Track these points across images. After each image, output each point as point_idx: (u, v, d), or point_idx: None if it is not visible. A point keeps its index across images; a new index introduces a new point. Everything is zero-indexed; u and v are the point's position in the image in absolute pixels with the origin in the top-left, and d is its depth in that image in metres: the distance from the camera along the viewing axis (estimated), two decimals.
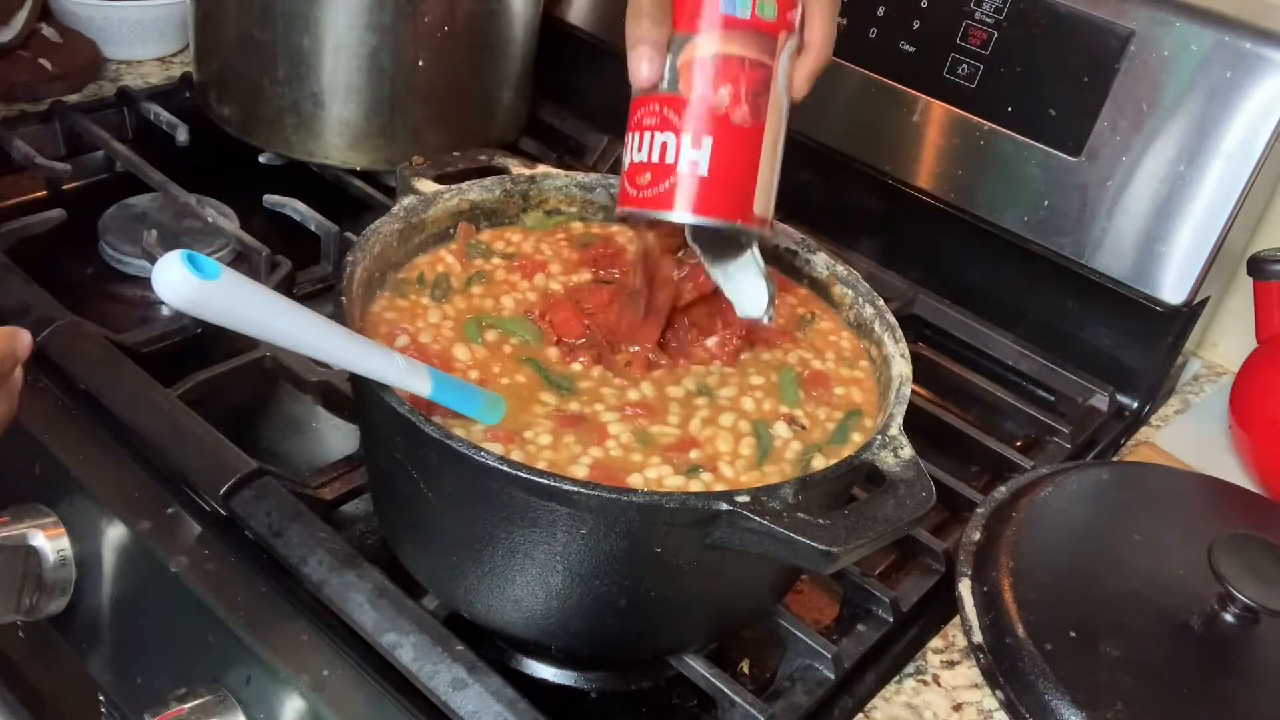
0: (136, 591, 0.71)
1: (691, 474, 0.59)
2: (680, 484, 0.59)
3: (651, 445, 0.61)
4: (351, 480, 0.74)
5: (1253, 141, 0.86)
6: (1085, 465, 0.86)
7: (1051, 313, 1.00)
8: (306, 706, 0.62)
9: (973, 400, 0.96)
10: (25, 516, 0.72)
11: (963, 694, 0.69)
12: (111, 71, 1.19)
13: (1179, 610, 0.69)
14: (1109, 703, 0.63)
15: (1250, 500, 0.84)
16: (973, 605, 0.71)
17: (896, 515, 0.55)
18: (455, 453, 0.54)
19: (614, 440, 0.61)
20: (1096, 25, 0.89)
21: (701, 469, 0.60)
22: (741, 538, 0.53)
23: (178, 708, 0.63)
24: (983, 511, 0.77)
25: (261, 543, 0.68)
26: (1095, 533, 0.77)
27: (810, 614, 0.74)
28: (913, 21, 0.98)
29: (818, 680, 0.67)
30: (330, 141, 1.05)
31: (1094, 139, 0.91)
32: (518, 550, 0.58)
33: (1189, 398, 1.02)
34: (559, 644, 0.65)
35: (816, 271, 0.76)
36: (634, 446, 0.61)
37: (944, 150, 0.99)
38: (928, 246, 1.05)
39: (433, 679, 0.61)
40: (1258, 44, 0.84)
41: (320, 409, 0.83)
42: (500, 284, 0.71)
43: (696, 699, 0.69)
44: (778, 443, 0.63)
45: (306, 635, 0.64)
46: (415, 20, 1.01)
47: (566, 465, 0.59)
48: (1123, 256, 0.93)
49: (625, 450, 0.60)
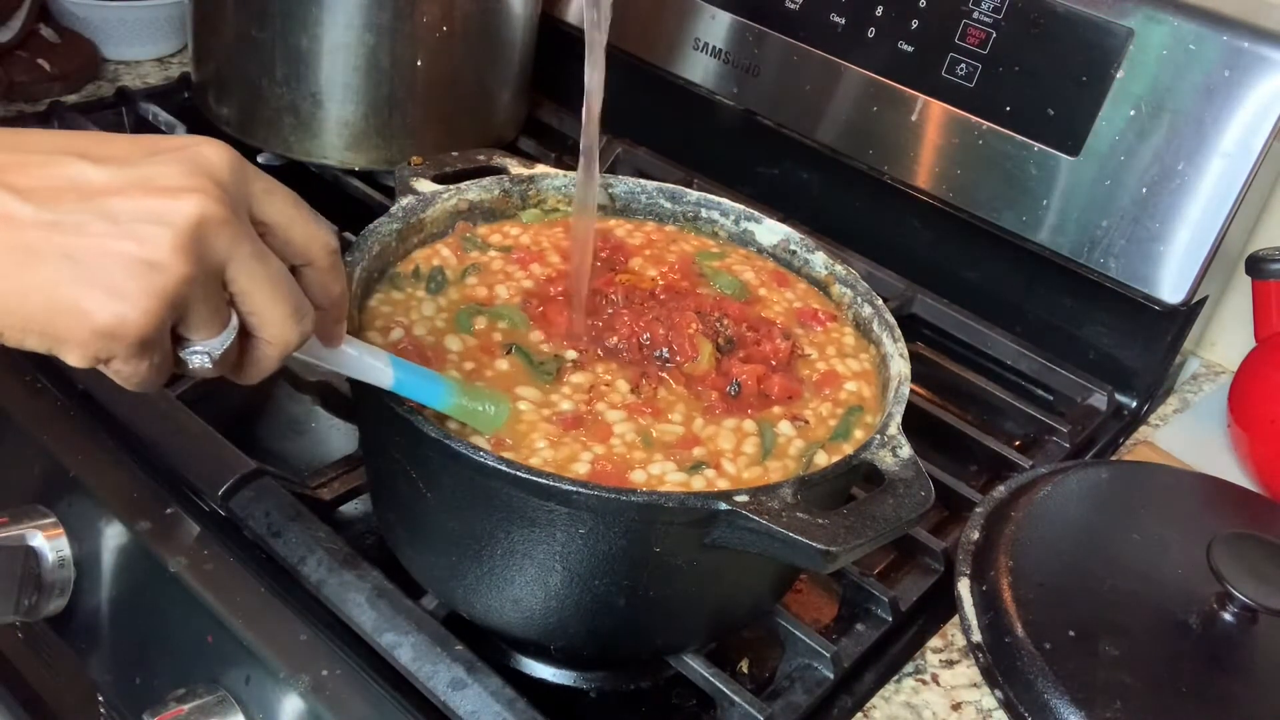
0: (135, 592, 0.71)
1: (694, 470, 0.59)
2: (683, 479, 0.59)
3: (654, 445, 0.61)
4: (350, 480, 0.74)
5: (1251, 140, 0.86)
6: (1084, 464, 0.86)
7: (1050, 312, 1.00)
8: (305, 706, 0.62)
9: (971, 400, 0.96)
10: (24, 517, 0.72)
11: (962, 693, 0.69)
12: (110, 72, 1.19)
13: (1178, 609, 0.69)
14: (1108, 702, 0.63)
15: (1249, 499, 0.84)
16: (972, 604, 0.71)
17: (895, 514, 0.55)
18: (454, 452, 0.54)
19: (618, 439, 0.61)
20: (1095, 24, 0.89)
21: (705, 465, 0.60)
22: (740, 537, 0.53)
23: (177, 708, 0.63)
24: (981, 511, 0.77)
25: (261, 543, 0.68)
26: (1094, 532, 0.77)
27: (809, 613, 0.74)
28: (911, 21, 0.98)
29: (817, 680, 0.67)
30: (328, 142, 1.05)
31: (1093, 138, 0.91)
32: (517, 550, 0.58)
33: (1188, 397, 1.02)
34: (558, 644, 0.65)
35: (815, 270, 0.76)
36: (637, 444, 0.61)
37: (943, 150, 0.99)
38: (926, 246, 1.05)
39: (432, 679, 0.61)
40: (1256, 43, 0.84)
41: (319, 409, 0.83)
42: (496, 274, 0.72)
43: (696, 699, 0.69)
44: (781, 439, 0.63)
45: (305, 635, 0.64)
46: (414, 20, 1.01)
47: (567, 464, 0.59)
48: (1121, 256, 0.93)
49: (629, 447, 0.60)
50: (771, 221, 0.78)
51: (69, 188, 0.42)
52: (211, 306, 0.45)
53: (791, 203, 1.09)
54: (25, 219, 0.41)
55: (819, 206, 1.10)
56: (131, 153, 0.44)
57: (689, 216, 0.80)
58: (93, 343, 0.42)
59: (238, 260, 0.45)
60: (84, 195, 0.42)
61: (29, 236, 0.41)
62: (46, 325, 0.42)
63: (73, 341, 0.42)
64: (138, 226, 0.42)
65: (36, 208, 0.41)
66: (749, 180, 1.13)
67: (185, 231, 0.42)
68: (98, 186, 0.42)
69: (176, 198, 0.43)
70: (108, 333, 0.42)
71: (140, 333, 0.42)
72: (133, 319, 0.42)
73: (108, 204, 0.42)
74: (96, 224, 0.42)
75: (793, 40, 1.05)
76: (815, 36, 1.03)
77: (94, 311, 0.41)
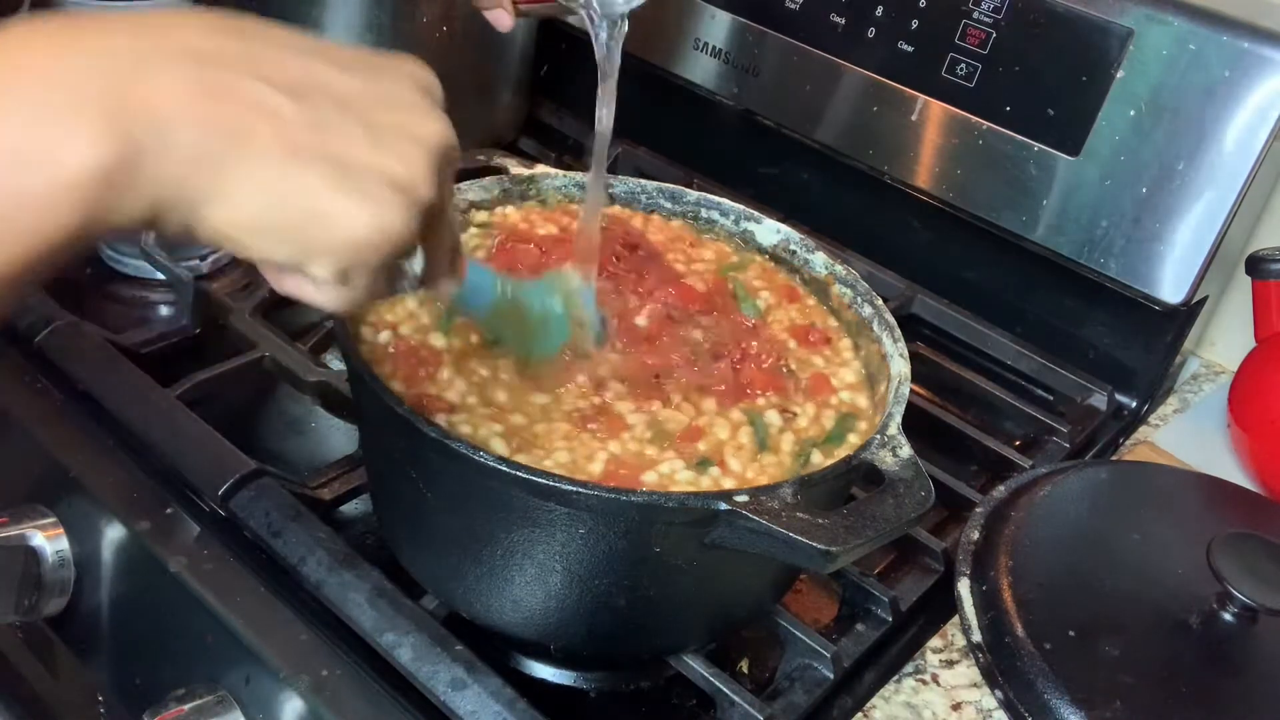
0: (135, 592, 0.71)
1: (702, 467, 0.60)
2: (691, 478, 0.59)
3: (664, 437, 0.61)
4: (350, 480, 0.74)
5: (1251, 140, 0.86)
6: (1084, 464, 0.86)
7: (1050, 312, 1.00)
8: (305, 707, 0.61)
9: (971, 400, 0.96)
10: (24, 517, 0.72)
11: (962, 693, 0.69)
12: None
13: (1178, 609, 0.69)
14: (1108, 702, 0.63)
15: (1249, 499, 0.84)
16: (972, 604, 0.71)
17: (895, 515, 0.55)
18: (454, 453, 0.54)
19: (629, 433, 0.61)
20: (1095, 24, 0.89)
21: (710, 462, 0.60)
22: (740, 537, 0.53)
23: (177, 708, 0.63)
24: (982, 511, 0.77)
25: (260, 543, 0.68)
26: (1094, 532, 0.77)
27: (809, 613, 0.74)
28: (911, 21, 0.98)
29: (817, 680, 0.67)
30: None
31: (1093, 138, 0.91)
32: (517, 550, 0.58)
33: (1188, 397, 1.02)
34: (558, 644, 0.65)
35: (815, 270, 0.76)
36: (647, 440, 0.61)
37: (943, 150, 0.99)
38: (926, 246, 1.05)
39: (432, 679, 0.61)
40: (1256, 43, 0.84)
41: (319, 409, 0.83)
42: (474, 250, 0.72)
43: (696, 698, 0.69)
44: (773, 430, 0.63)
45: (305, 635, 0.64)
46: (413, 20, 1.01)
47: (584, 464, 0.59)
48: (1121, 256, 0.93)
49: (640, 444, 0.61)
50: (771, 221, 0.78)
51: (322, 91, 0.40)
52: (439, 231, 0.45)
53: (791, 203, 1.09)
54: (292, 116, 0.39)
55: (819, 206, 1.10)
56: (359, 62, 0.43)
57: (689, 216, 0.80)
58: (345, 253, 0.41)
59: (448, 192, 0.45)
60: (339, 102, 0.40)
61: (296, 136, 0.39)
62: (302, 232, 0.40)
63: (323, 251, 0.40)
64: (399, 143, 0.41)
65: (300, 106, 0.39)
66: (749, 180, 1.13)
67: (436, 155, 0.42)
68: (352, 94, 0.41)
69: (426, 120, 0.42)
70: (365, 244, 0.40)
71: (397, 246, 0.41)
72: (395, 232, 0.41)
73: (368, 114, 0.41)
74: (358, 132, 0.40)
75: (793, 40, 1.05)
76: (815, 36, 1.03)
77: (355, 221, 0.40)
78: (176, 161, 0.36)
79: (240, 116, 0.38)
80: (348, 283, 0.42)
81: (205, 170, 0.37)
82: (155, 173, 0.36)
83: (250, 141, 0.38)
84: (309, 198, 0.39)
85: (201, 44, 0.38)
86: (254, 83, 0.38)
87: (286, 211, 0.39)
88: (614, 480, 0.58)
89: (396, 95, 0.43)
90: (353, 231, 0.40)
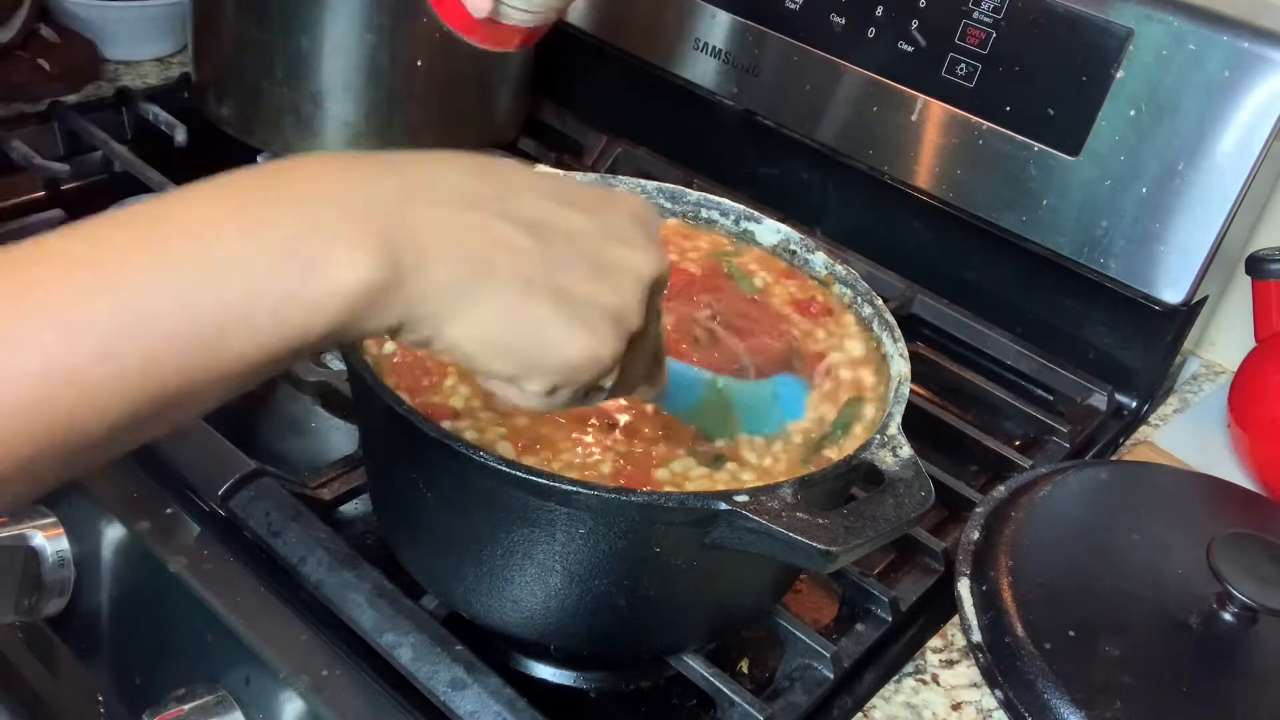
0: (135, 592, 0.71)
1: (716, 464, 0.60)
2: (705, 475, 0.59)
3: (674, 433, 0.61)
4: (350, 480, 0.74)
5: (1251, 140, 0.86)
6: (1084, 464, 0.86)
7: (1050, 312, 1.00)
8: (305, 707, 0.62)
9: (971, 400, 0.96)
10: (24, 517, 0.72)
11: (962, 693, 0.69)
12: (110, 72, 1.19)
13: (1178, 609, 0.69)
14: (1108, 702, 0.63)
15: (1249, 499, 0.84)
16: (972, 604, 0.71)
17: (895, 514, 0.55)
18: (454, 453, 0.54)
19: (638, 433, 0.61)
20: (1095, 24, 0.89)
21: (724, 458, 0.60)
22: (740, 537, 0.53)
23: (177, 708, 0.63)
24: (982, 511, 0.77)
25: (260, 543, 0.68)
26: (1094, 532, 0.77)
27: (809, 613, 0.74)
28: (911, 21, 0.98)
29: (817, 680, 0.67)
30: (329, 141, 1.05)
31: (1093, 138, 0.91)
32: (517, 550, 0.58)
33: (1188, 397, 1.02)
34: (558, 644, 0.65)
35: (815, 270, 0.76)
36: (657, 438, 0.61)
37: (942, 150, 0.99)
38: (926, 246, 1.05)
39: (432, 679, 0.61)
40: (1256, 43, 0.84)
41: (319, 409, 0.83)
42: None
43: (696, 698, 0.69)
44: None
45: (305, 635, 0.64)
46: (413, 20, 1.01)
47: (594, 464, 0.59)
48: (1121, 256, 0.93)
49: (648, 443, 0.61)
50: (771, 221, 0.78)
51: (555, 229, 0.45)
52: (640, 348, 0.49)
53: (791, 203, 1.09)
54: (529, 252, 0.44)
55: (819, 206, 1.10)
56: (588, 199, 0.48)
57: (689, 216, 0.80)
58: (558, 375, 0.45)
59: (655, 315, 0.50)
60: (569, 238, 0.45)
61: (530, 270, 0.43)
62: (525, 355, 0.44)
63: (541, 371, 0.45)
64: (615, 275, 0.46)
65: (536, 243, 0.44)
66: (749, 180, 1.13)
67: (647, 286, 0.47)
68: (578, 230, 0.46)
69: (640, 253, 0.47)
70: (577, 368, 0.45)
71: (603, 371, 0.46)
72: (604, 359, 0.46)
73: (592, 249, 0.46)
74: (583, 268, 0.45)
75: (793, 40, 1.05)
76: (815, 36, 1.03)
77: (573, 348, 0.45)
78: (430, 287, 0.41)
79: (487, 251, 0.43)
80: (554, 395, 0.47)
81: (452, 295, 0.42)
82: (411, 295, 0.41)
83: (493, 273, 0.43)
84: (537, 325, 0.44)
85: (459, 187, 0.44)
86: (500, 222, 0.44)
87: (519, 336, 0.44)
88: (624, 480, 0.58)
89: (618, 230, 0.47)
90: (570, 358, 0.45)
